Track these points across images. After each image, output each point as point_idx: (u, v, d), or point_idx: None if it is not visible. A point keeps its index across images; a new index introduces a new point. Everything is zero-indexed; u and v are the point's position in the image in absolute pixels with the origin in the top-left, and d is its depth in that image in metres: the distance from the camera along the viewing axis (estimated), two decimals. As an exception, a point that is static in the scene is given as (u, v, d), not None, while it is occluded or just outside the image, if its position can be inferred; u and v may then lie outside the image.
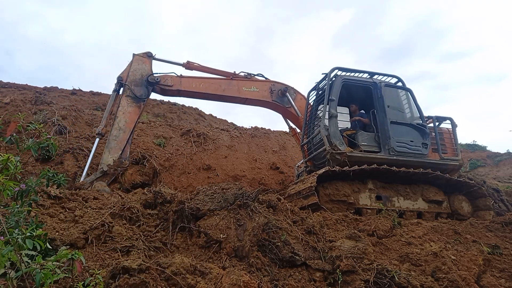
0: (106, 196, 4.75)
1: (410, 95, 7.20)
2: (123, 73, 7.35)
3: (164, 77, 7.50)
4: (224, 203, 3.97)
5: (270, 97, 8.11)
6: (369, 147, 6.65)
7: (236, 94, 7.88)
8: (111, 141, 6.73)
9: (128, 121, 6.97)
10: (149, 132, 10.40)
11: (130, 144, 7.07)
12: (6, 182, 2.15)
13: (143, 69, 7.43)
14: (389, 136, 6.54)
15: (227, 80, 7.93)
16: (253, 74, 8.31)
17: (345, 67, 7.21)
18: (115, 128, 6.83)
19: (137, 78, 7.32)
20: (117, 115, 6.95)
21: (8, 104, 9.26)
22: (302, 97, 8.45)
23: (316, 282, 3.53)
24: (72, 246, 3.05)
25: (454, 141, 7.28)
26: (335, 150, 6.23)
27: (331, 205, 5.70)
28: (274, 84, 8.24)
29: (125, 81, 7.24)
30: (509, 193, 8.64)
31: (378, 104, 6.92)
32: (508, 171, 16.20)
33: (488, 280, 3.84)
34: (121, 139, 6.79)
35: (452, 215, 6.41)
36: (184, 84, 7.62)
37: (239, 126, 13.82)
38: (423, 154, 6.67)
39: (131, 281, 2.51)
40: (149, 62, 7.55)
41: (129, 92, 7.15)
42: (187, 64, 7.91)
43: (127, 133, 6.87)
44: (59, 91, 14.72)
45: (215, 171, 9.63)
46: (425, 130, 6.83)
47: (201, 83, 7.77)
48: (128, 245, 3.25)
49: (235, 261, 3.41)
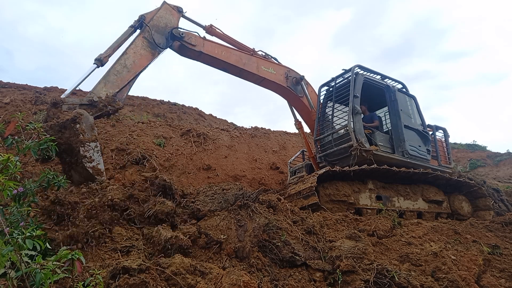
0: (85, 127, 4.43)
1: (414, 102, 7.34)
2: (147, 14, 6.72)
3: (188, 34, 7.01)
4: (224, 203, 3.97)
5: (285, 82, 7.90)
6: (385, 147, 6.71)
7: (255, 71, 7.63)
8: (111, 75, 5.87)
9: (137, 63, 6.22)
10: (149, 132, 10.40)
11: (130, 87, 6.24)
12: (6, 182, 2.14)
13: (169, 20, 6.90)
14: (403, 139, 6.65)
15: (248, 55, 7.66)
16: (270, 56, 8.10)
17: (364, 66, 7.23)
18: (120, 63, 6.03)
19: (160, 25, 6.74)
20: (127, 51, 6.20)
21: (8, 104, 9.26)
22: (312, 90, 8.31)
23: (316, 282, 3.53)
24: (72, 247, 3.05)
25: (446, 150, 7.73)
26: (361, 147, 6.18)
27: (331, 205, 5.70)
28: (290, 71, 8.05)
29: (148, 22, 6.61)
30: (509, 193, 8.66)
31: (391, 107, 7.02)
32: (508, 171, 16.21)
33: (488, 280, 3.84)
34: (123, 77, 6.00)
35: (452, 215, 6.42)
36: (206, 47, 7.21)
37: (239, 126, 13.83)
38: (427, 160, 6.87)
39: (131, 281, 2.51)
40: (177, 16, 7.05)
41: (148, 35, 6.52)
42: (209, 28, 7.50)
43: (132, 74, 6.09)
44: (59, 91, 14.68)
45: (215, 171, 9.64)
46: (428, 137, 7.07)
47: (223, 51, 7.41)
48: (128, 245, 3.25)
49: (236, 262, 3.41)
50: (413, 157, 6.63)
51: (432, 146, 7.20)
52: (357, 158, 6.16)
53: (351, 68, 7.04)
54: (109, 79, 5.80)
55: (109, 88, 5.74)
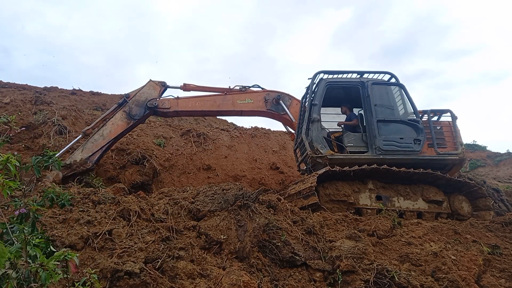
0: (45, 181, 5.28)
1: (403, 91, 7.06)
2: (132, 92, 7.84)
3: (161, 101, 7.87)
4: (224, 204, 3.97)
5: (265, 107, 8.27)
6: (356, 147, 6.63)
7: (231, 107, 8.14)
8: (88, 143, 7.12)
9: (112, 132, 7.34)
10: (149, 132, 10.40)
11: (103, 153, 7.40)
12: (6, 182, 2.14)
13: (150, 95, 7.86)
14: (375, 135, 6.49)
15: (222, 96, 8.20)
16: (248, 87, 8.50)
17: (331, 70, 7.19)
18: (98, 133, 7.23)
19: (141, 100, 7.76)
20: (107, 123, 7.38)
21: (8, 104, 9.25)
22: (298, 102, 8.48)
23: (316, 282, 3.53)
24: (72, 248, 3.05)
25: (454, 134, 6.89)
26: (316, 154, 6.34)
27: (331, 205, 5.70)
28: (269, 94, 8.38)
29: (130, 99, 7.71)
30: (509, 193, 8.64)
31: (365, 103, 6.86)
32: (508, 171, 16.21)
33: (488, 280, 3.84)
34: (98, 144, 7.14)
35: (452, 215, 6.40)
36: (181, 105, 7.99)
37: (239, 126, 13.83)
38: (415, 151, 6.49)
39: (131, 282, 2.51)
40: (160, 91, 7.99)
41: (127, 108, 7.61)
42: (184, 86, 8.24)
43: (106, 141, 7.22)
44: (59, 91, 14.73)
45: (215, 171, 9.64)
46: (418, 125, 6.65)
47: (197, 101, 8.13)
48: (128, 246, 3.25)
49: (236, 262, 3.41)
50: (389, 152, 6.38)
51: (428, 133, 6.68)
52: (315, 166, 6.35)
53: (313, 75, 7.11)
54: (86, 146, 7.07)
55: (84, 153, 6.98)
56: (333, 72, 7.23)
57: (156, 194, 5.12)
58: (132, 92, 7.82)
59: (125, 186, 6.28)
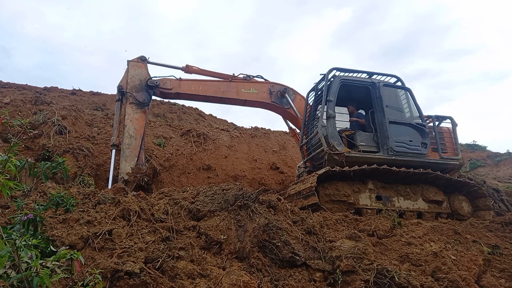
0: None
1: (409, 95, 7.17)
2: (122, 81, 7.48)
3: (163, 80, 7.59)
4: (224, 204, 3.96)
5: (269, 98, 8.14)
6: (368, 147, 6.64)
7: (235, 96, 7.94)
8: (125, 150, 6.90)
9: (138, 128, 7.11)
10: (149, 132, 10.40)
11: (143, 149, 7.19)
12: (6, 182, 2.14)
13: (141, 74, 7.54)
14: (388, 136, 6.53)
15: (226, 82, 7.99)
16: (252, 76, 8.34)
17: (343, 68, 7.21)
18: (126, 136, 6.98)
19: (136, 84, 7.43)
20: (125, 123, 7.10)
21: (8, 104, 9.24)
22: (301, 98, 8.46)
23: (316, 282, 3.52)
24: (72, 248, 3.05)
25: (454, 140, 7.23)
26: (333, 151, 6.25)
27: (331, 205, 5.70)
28: (273, 86, 8.27)
29: (126, 88, 7.35)
30: (509, 193, 8.64)
31: (376, 104, 6.90)
32: (508, 171, 16.20)
33: (488, 280, 3.84)
34: (134, 146, 6.95)
35: (452, 215, 6.41)
36: (183, 87, 7.72)
37: (239, 126, 13.82)
38: (423, 154, 6.64)
39: (131, 282, 2.51)
40: (144, 66, 7.66)
41: (132, 99, 7.28)
42: (186, 68, 7.97)
43: (139, 139, 7.02)
44: (59, 91, 14.72)
45: (215, 171, 9.64)
46: (425, 129, 6.80)
47: (200, 85, 7.86)
48: (128, 246, 3.25)
49: (236, 262, 3.41)
50: (401, 154, 6.46)
51: (432, 138, 6.90)
52: (329, 162, 6.25)
53: (327, 72, 7.07)
54: (126, 154, 6.86)
55: (130, 161, 6.81)
56: (346, 70, 7.24)
57: (156, 194, 5.11)
58: (122, 81, 7.49)
59: (125, 186, 6.26)
